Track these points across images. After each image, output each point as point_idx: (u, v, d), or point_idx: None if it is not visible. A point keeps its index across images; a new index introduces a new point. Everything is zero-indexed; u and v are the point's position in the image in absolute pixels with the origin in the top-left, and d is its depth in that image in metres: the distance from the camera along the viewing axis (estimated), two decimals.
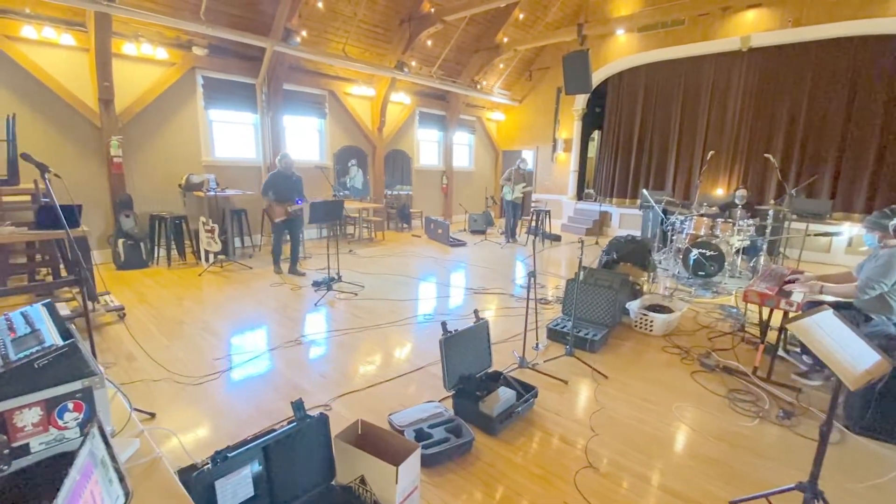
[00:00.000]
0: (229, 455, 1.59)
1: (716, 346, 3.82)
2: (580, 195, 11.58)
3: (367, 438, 1.99)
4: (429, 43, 8.85)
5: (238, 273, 5.99)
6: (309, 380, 3.16)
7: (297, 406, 1.85)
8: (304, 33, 7.33)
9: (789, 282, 3.36)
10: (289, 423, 1.87)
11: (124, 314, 4.21)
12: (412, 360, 3.50)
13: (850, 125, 7.84)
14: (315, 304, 4.76)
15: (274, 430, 1.81)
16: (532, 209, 9.34)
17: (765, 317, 3.42)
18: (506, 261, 7.31)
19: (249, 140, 7.78)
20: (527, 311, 3.46)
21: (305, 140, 8.69)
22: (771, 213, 6.02)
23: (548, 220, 9.41)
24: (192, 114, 6.94)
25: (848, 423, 2.63)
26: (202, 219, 6.04)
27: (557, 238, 9.55)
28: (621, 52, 9.98)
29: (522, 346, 3.49)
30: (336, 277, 5.42)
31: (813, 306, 2.79)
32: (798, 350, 3.51)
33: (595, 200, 11.12)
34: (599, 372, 3.32)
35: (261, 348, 3.66)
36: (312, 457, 1.87)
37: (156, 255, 6.41)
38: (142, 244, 6.14)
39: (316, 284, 5.32)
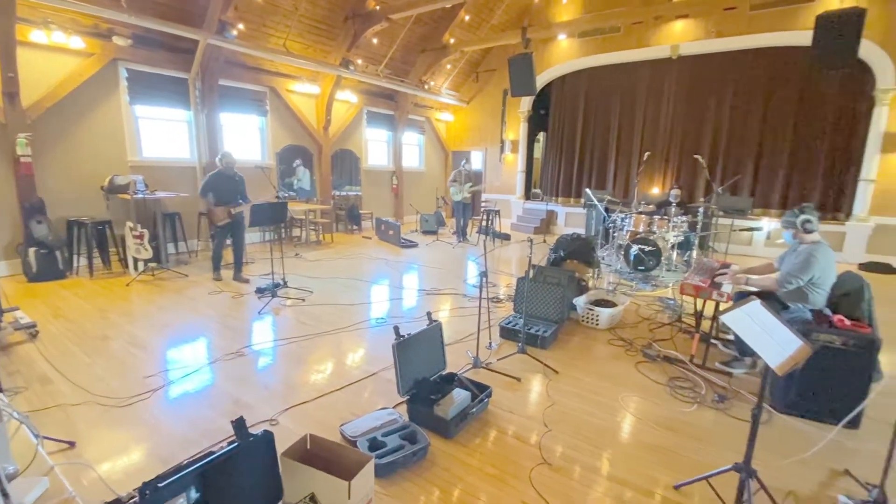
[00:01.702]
0: (160, 485, 1.44)
1: (656, 337, 4.02)
2: (528, 195, 11.88)
3: (317, 453, 1.89)
4: (374, 41, 8.70)
5: (172, 281, 5.57)
6: (253, 394, 2.97)
7: (238, 425, 1.72)
8: (240, 26, 6.96)
9: (720, 274, 3.60)
10: (229, 443, 1.73)
11: (37, 332, 3.77)
12: (364, 367, 3.40)
13: (766, 128, 8.60)
14: (259, 313, 4.51)
15: (213, 453, 1.67)
16: (482, 209, 9.45)
17: (699, 307, 3.64)
18: (458, 261, 7.33)
19: (183, 139, 7.27)
20: (479, 311, 3.47)
21: (245, 139, 8.26)
22: (701, 210, 6.45)
23: (497, 219, 9.55)
24: (115, 110, 6.37)
25: (774, 403, 2.85)
26: (129, 223, 5.55)
27: (507, 237, 9.72)
28: (563, 56, 10.34)
29: (476, 346, 3.49)
30: (281, 283, 5.17)
31: (742, 297, 3.01)
32: (719, 342, 3.76)
33: (542, 200, 11.44)
34: (550, 367, 3.39)
35: (198, 362, 3.41)
36: (257, 478, 1.75)
37: (75, 264, 5.82)
38: (58, 253, 5.55)
39: (260, 291, 5.05)
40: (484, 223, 9.28)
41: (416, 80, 10.17)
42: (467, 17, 9.65)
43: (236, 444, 1.68)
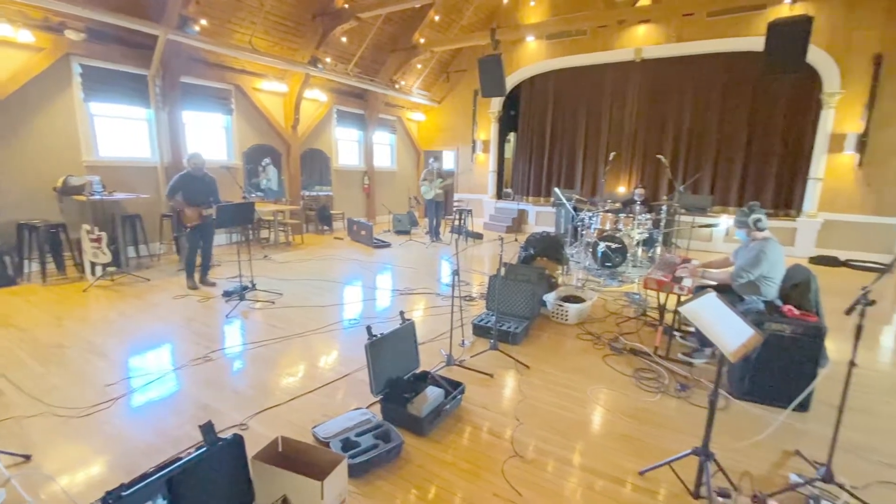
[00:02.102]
0: (124, 494, 1.40)
1: (623, 331, 4.16)
2: (500, 194, 12.03)
3: (289, 455, 1.87)
4: (344, 39, 8.61)
5: (133, 286, 5.35)
6: (221, 399, 2.90)
7: (207, 429, 1.69)
8: (203, 22, 6.75)
9: (681, 269, 3.76)
10: (197, 448, 1.70)
11: None
12: (337, 368, 3.38)
13: (723, 129, 9.02)
14: (227, 316, 4.40)
15: (180, 459, 1.63)
16: (455, 208, 9.50)
17: (662, 301, 3.79)
18: (431, 260, 7.35)
19: (143, 138, 6.99)
20: (451, 309, 3.50)
21: (210, 138, 8.01)
22: (664, 208, 6.70)
23: (470, 218, 9.63)
24: (68, 107, 6.06)
25: (731, 390, 3.01)
26: (85, 226, 5.30)
27: (479, 236, 9.81)
28: (532, 58, 10.51)
29: (449, 344, 3.53)
30: (250, 286, 5.06)
31: (702, 290, 3.16)
32: (680, 334, 3.93)
33: (513, 199, 11.63)
34: (522, 363, 3.46)
35: (163, 369, 3.30)
36: (227, 483, 1.72)
37: (26, 270, 5.52)
38: (7, 258, 5.25)
39: (227, 294, 4.92)
40: (456, 222, 9.34)
41: (387, 79, 10.13)
42: (437, 18, 9.68)
43: (204, 448, 1.65)
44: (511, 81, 10.53)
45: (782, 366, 2.76)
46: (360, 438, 2.32)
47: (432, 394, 2.61)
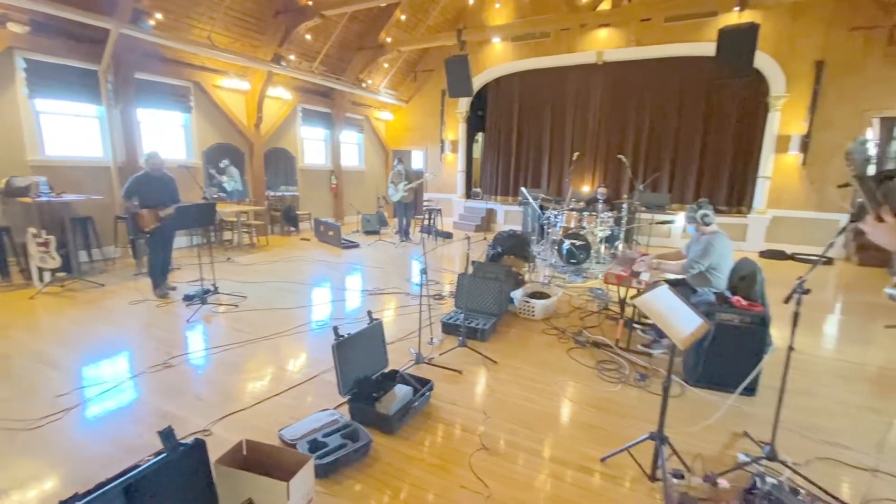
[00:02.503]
0: None
1: (586, 325, 4.30)
2: (468, 194, 12.13)
3: (254, 458, 1.85)
4: (308, 37, 8.46)
5: (85, 292, 5.10)
6: (183, 405, 2.82)
7: (166, 435, 1.65)
8: (158, 16, 6.49)
9: (640, 262, 3.92)
10: (157, 455, 1.65)
11: None
12: (305, 370, 3.34)
13: (680, 130, 9.42)
14: (187, 321, 4.26)
15: (138, 466, 1.59)
16: (424, 208, 9.53)
17: (622, 295, 3.94)
18: (401, 260, 7.34)
19: (94, 136, 6.66)
20: (420, 308, 3.52)
21: (168, 136, 7.72)
22: (625, 206, 6.95)
23: (439, 218, 9.67)
24: (11, 104, 5.70)
25: (686, 378, 3.17)
26: (31, 230, 5.01)
27: (449, 235, 9.86)
28: (498, 59, 10.65)
29: (418, 343, 3.55)
30: (212, 289, 4.92)
31: (656, 283, 3.30)
32: (640, 327, 4.10)
33: (482, 199, 11.75)
34: (490, 359, 3.52)
35: (120, 377, 3.17)
36: (189, 489, 1.69)
37: None
38: None
39: (188, 298, 4.76)
40: (426, 222, 9.37)
41: (354, 77, 10.03)
42: (403, 17, 9.66)
43: (164, 455, 1.61)
44: (478, 82, 10.64)
45: (731, 353, 2.92)
46: (328, 439, 2.31)
47: (400, 392, 2.63)
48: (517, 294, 4.59)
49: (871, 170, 1.47)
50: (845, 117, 7.95)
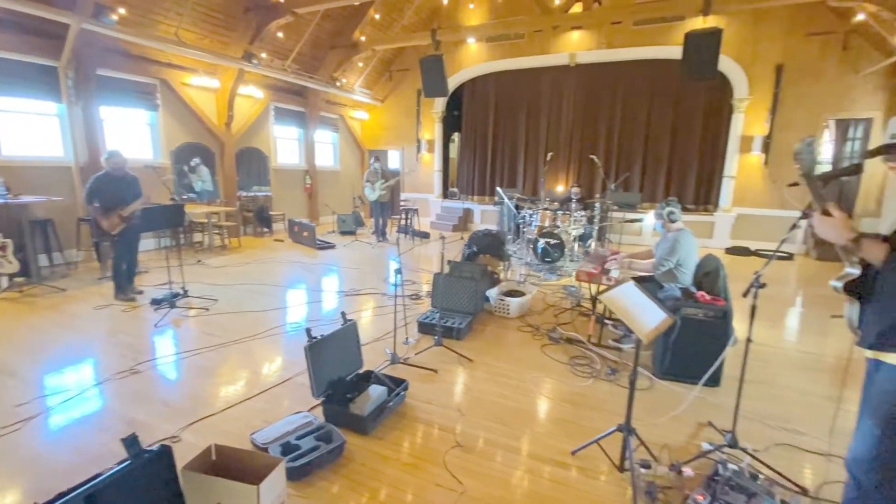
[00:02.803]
0: None
1: (560, 322, 4.38)
2: (445, 194, 12.16)
3: (223, 463, 1.82)
4: (280, 35, 8.33)
5: (46, 298, 4.89)
6: (150, 412, 2.75)
7: (130, 442, 1.60)
8: (122, 11, 6.27)
9: (610, 261, 4.03)
10: (120, 463, 1.61)
11: None
12: (278, 373, 3.29)
13: (650, 131, 9.69)
14: (155, 326, 4.14)
15: (101, 475, 1.54)
16: (401, 208, 9.50)
17: (594, 292, 4.04)
18: (377, 260, 7.30)
19: (55, 135, 6.38)
20: (395, 308, 3.52)
21: (133, 135, 7.47)
22: (597, 205, 7.10)
23: (416, 218, 9.65)
24: None
25: (655, 371, 3.27)
26: None
27: (426, 235, 9.86)
28: (473, 59, 10.71)
29: (393, 343, 3.55)
30: (181, 292, 4.79)
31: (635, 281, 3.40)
32: (611, 322, 4.21)
33: (459, 199, 11.80)
34: (465, 357, 3.55)
35: (84, 384, 3.06)
36: (155, 497, 1.65)
37: None
38: None
39: (155, 302, 4.62)
40: (403, 222, 9.34)
41: (327, 76, 9.91)
42: (377, 16, 9.61)
43: (128, 462, 1.57)
44: (453, 82, 10.67)
45: (696, 346, 3.03)
46: (301, 441, 2.29)
47: (375, 392, 2.63)
48: (493, 293, 4.64)
49: (822, 169, 1.57)
50: (803, 119, 8.34)
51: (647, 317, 1.94)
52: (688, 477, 2.19)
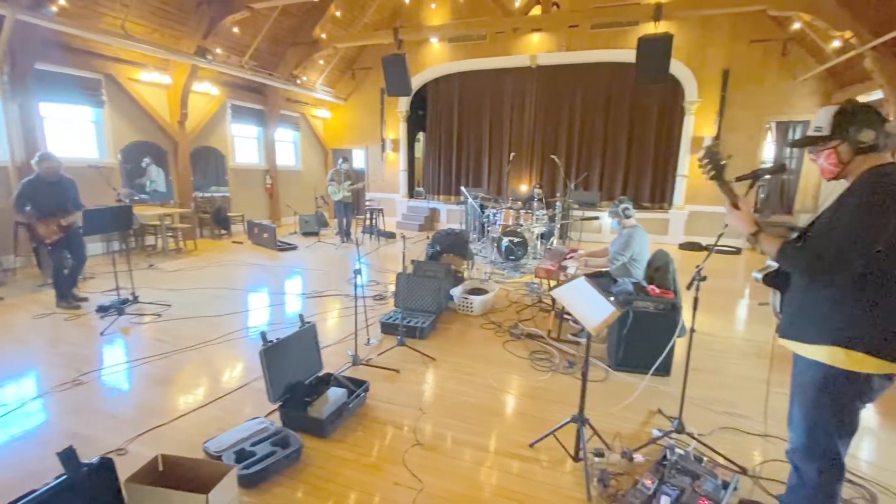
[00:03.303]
0: None
1: (522, 318, 4.46)
2: (411, 193, 12.13)
3: (171, 474, 1.76)
4: (235, 30, 8.06)
5: None
6: (95, 424, 2.61)
7: (66, 455, 1.52)
8: (62, 1, 5.89)
9: (568, 258, 4.14)
10: (57, 478, 1.53)
11: None
12: (234, 379, 3.20)
13: (608, 132, 10.01)
14: (102, 334, 3.93)
15: (35, 492, 1.46)
16: (366, 208, 9.41)
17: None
18: (341, 262, 7.20)
19: None
20: (356, 309, 3.50)
21: (77, 133, 7.06)
22: (558, 204, 7.28)
23: (381, 218, 9.58)
24: None
25: (610, 362, 3.39)
26: None
27: (392, 235, 9.80)
28: (436, 59, 10.73)
29: (355, 344, 3.51)
30: (130, 298, 4.56)
31: (590, 276, 3.50)
32: (571, 317, 4.34)
33: (425, 198, 11.79)
34: (428, 356, 3.56)
35: (21, 398, 2.87)
36: None
37: None
38: None
39: (102, 310, 4.38)
40: (368, 222, 9.25)
41: (287, 74, 9.66)
42: (338, 13, 9.47)
43: (64, 477, 1.49)
44: (417, 81, 10.65)
45: (648, 337, 3.16)
46: (256, 447, 2.24)
47: (334, 395, 2.60)
48: (457, 291, 4.67)
49: (728, 172, 1.71)
50: (748, 121, 8.83)
51: (596, 310, 2.01)
52: (638, 463, 2.29)
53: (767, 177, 8.77)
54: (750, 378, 3.36)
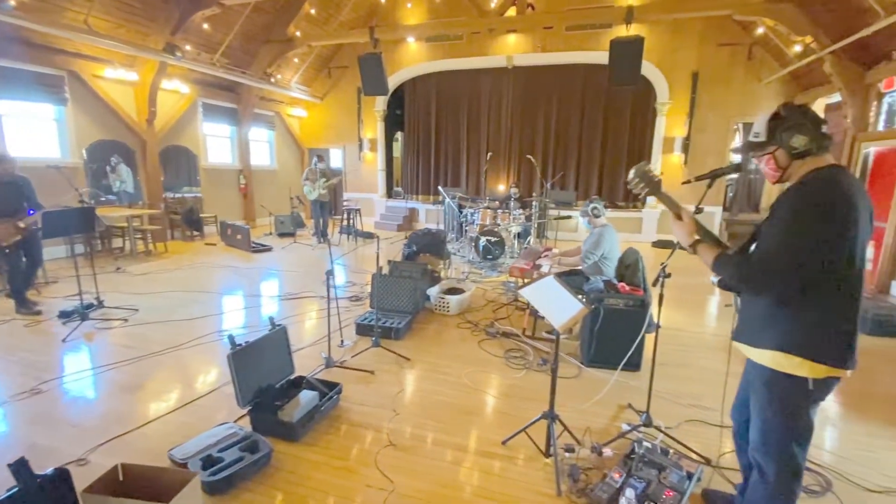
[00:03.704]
0: None
1: (498, 317, 4.50)
2: (390, 193, 12.07)
3: (132, 483, 1.71)
4: (206, 26, 7.87)
5: None
6: (54, 435, 2.51)
7: (17, 467, 1.46)
8: None
9: (542, 257, 4.19)
10: (8, 491, 1.47)
11: None
12: (203, 384, 3.13)
13: (583, 132, 10.17)
14: (64, 341, 3.78)
15: None
16: (343, 208, 9.31)
17: None
18: (318, 263, 7.10)
19: None
20: (328, 311, 3.46)
21: (38, 132, 6.78)
22: (535, 203, 7.35)
23: (359, 218, 9.50)
24: None
25: (583, 359, 3.45)
26: None
27: (370, 235, 9.72)
28: (413, 59, 10.70)
29: (328, 346, 3.48)
30: (95, 303, 4.41)
31: (563, 276, 3.55)
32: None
33: (403, 198, 11.75)
34: (403, 356, 3.55)
35: None
36: None
37: None
38: None
39: (65, 315, 4.22)
40: (345, 222, 9.16)
41: (261, 72, 9.48)
42: (313, 11, 9.34)
43: (15, 490, 1.43)
44: (394, 81, 10.61)
45: (618, 334, 3.22)
46: (224, 453, 2.19)
47: (305, 398, 2.57)
48: (433, 291, 4.67)
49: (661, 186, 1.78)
50: (716, 122, 9.10)
51: (564, 308, 2.05)
52: (607, 457, 2.34)
53: (734, 175, 9.09)
54: (717, 371, 3.45)
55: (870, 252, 5.87)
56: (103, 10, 6.64)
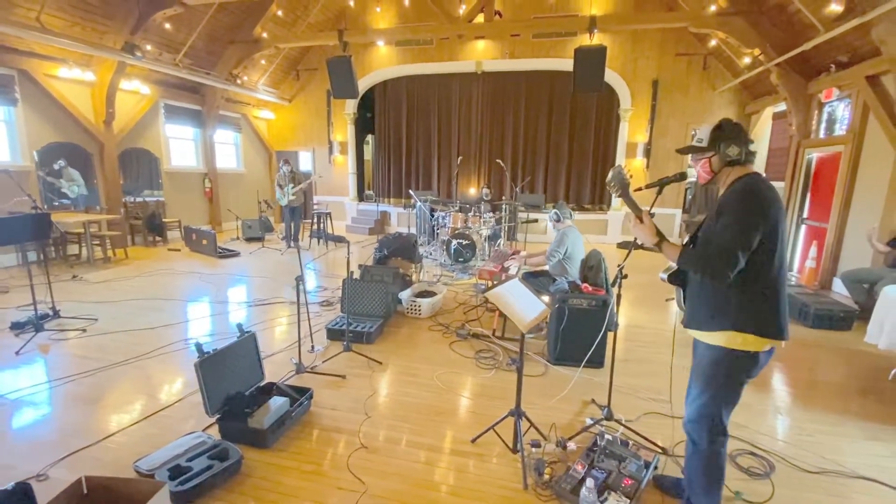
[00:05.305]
0: None
1: (468, 318, 4.58)
2: (361, 196, 12.00)
3: (97, 496, 1.68)
4: (167, 26, 7.65)
5: None
6: (10, 450, 2.42)
7: None
8: None
9: (511, 259, 4.31)
10: None
11: None
12: (169, 395, 3.06)
13: (550, 137, 10.44)
14: (16, 353, 3.61)
15: None
16: (314, 212, 9.21)
17: None
18: (288, 268, 7.01)
19: None
20: (298, 316, 3.45)
21: None
22: (505, 206, 7.50)
23: (329, 222, 9.42)
24: None
25: (549, 357, 3.57)
26: None
27: (341, 239, 9.65)
28: (384, 62, 10.71)
29: (298, 352, 3.47)
30: (50, 313, 4.23)
31: (531, 277, 3.67)
32: None
33: (375, 201, 11.71)
34: (375, 360, 3.58)
35: None
36: None
37: None
38: None
39: (17, 327, 4.03)
40: (315, 226, 9.07)
41: (226, 73, 9.28)
42: (280, 12, 9.22)
43: None
44: (364, 84, 10.60)
45: (582, 332, 3.36)
46: (193, 462, 2.17)
47: (275, 404, 2.57)
48: (405, 294, 4.72)
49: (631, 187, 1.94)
50: (675, 128, 9.53)
51: (527, 309, 2.14)
52: (572, 451, 2.45)
53: (692, 180, 9.53)
54: (677, 366, 3.63)
55: (813, 250, 6.31)
56: (57, 7, 6.37)
